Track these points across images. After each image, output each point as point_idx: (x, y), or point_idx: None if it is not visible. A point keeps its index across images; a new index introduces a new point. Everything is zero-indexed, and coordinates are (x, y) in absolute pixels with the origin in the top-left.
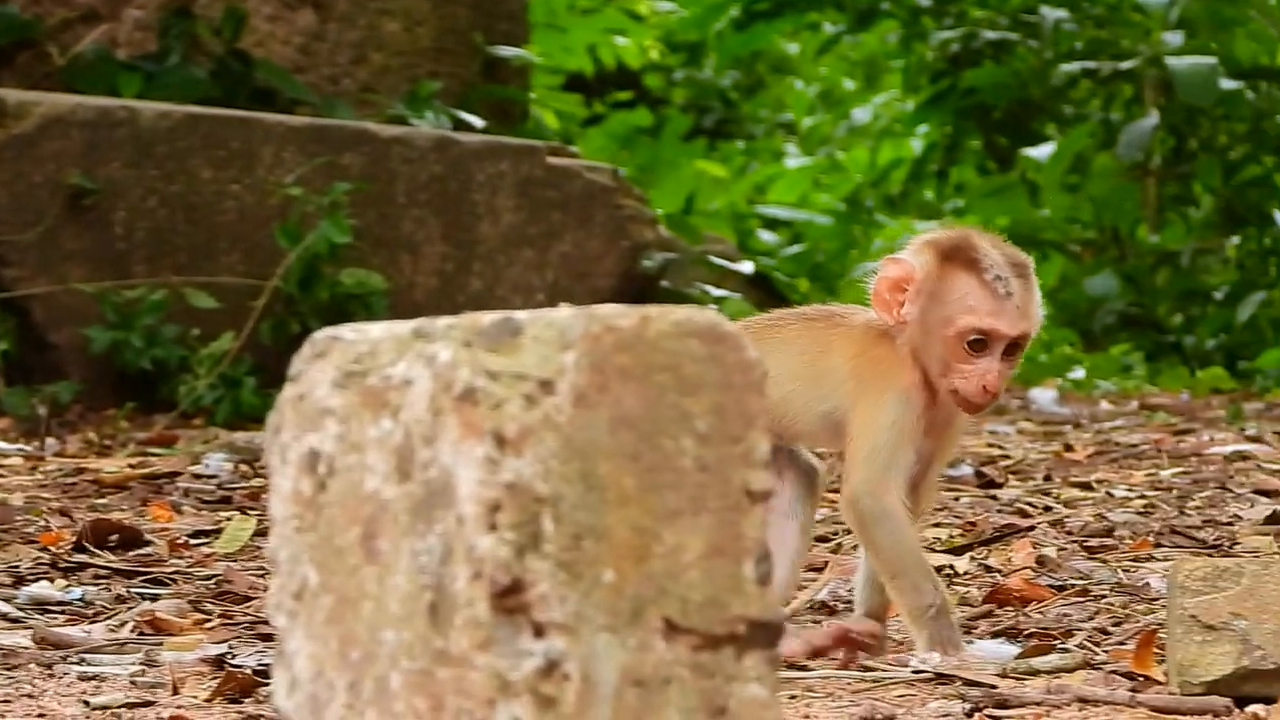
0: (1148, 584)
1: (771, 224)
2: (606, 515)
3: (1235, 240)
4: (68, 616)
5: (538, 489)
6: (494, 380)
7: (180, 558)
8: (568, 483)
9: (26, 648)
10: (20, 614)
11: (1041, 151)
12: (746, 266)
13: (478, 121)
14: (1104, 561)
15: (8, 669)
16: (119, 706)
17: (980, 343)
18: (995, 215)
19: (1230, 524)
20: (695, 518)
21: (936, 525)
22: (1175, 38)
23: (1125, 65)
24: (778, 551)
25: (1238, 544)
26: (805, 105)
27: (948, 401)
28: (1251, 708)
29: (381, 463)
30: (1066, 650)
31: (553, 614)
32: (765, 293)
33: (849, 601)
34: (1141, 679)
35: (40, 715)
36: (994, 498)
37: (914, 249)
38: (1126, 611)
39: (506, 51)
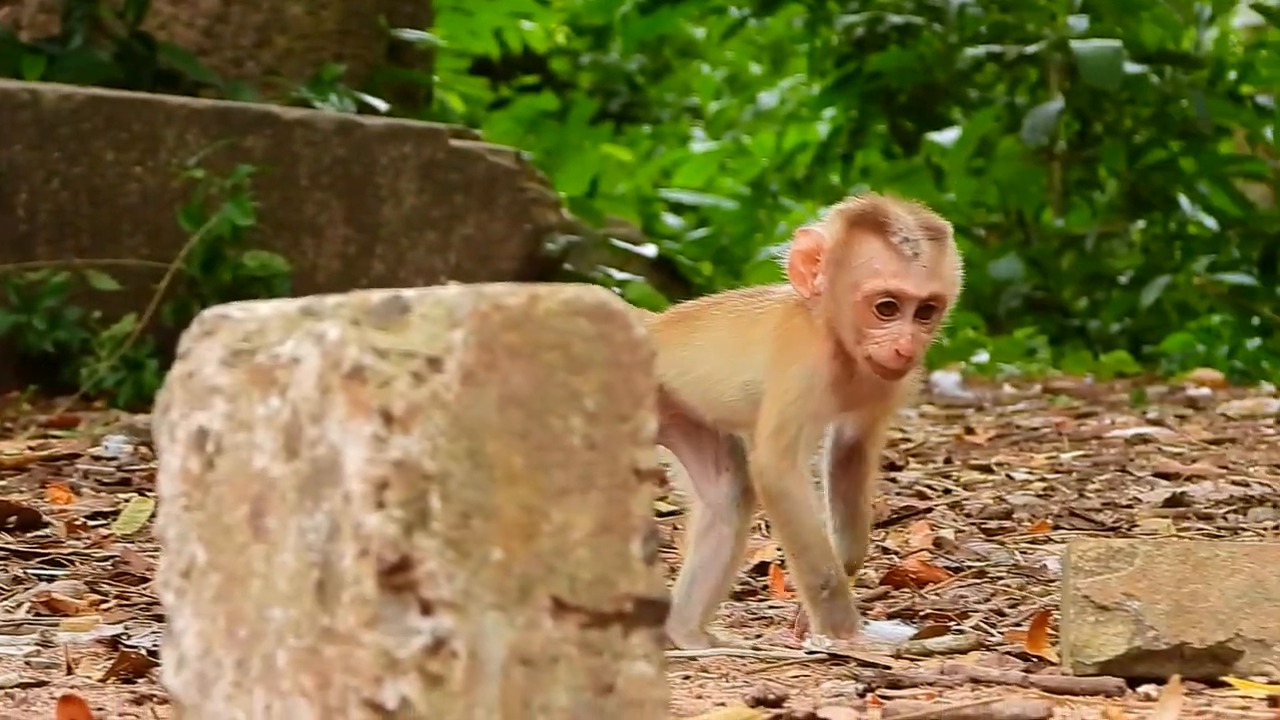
0: (1045, 566)
1: (677, 208)
2: (494, 493)
3: (1140, 224)
4: None
5: (425, 467)
6: (382, 358)
7: (78, 539)
8: (455, 461)
9: None
10: None
11: (946, 135)
12: (649, 250)
13: (381, 105)
14: (1002, 544)
15: None
16: (13, 686)
17: (890, 305)
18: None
19: (1130, 507)
20: (583, 496)
21: None
22: (1080, 22)
23: (1030, 49)
24: (710, 559)
25: (1136, 526)
26: (711, 89)
27: (868, 372)
28: (1144, 688)
29: (269, 441)
30: (961, 631)
31: (440, 592)
32: (669, 276)
33: (746, 583)
34: (1035, 660)
35: None
36: (893, 480)
37: (825, 219)
38: (1023, 593)
39: (411, 35)
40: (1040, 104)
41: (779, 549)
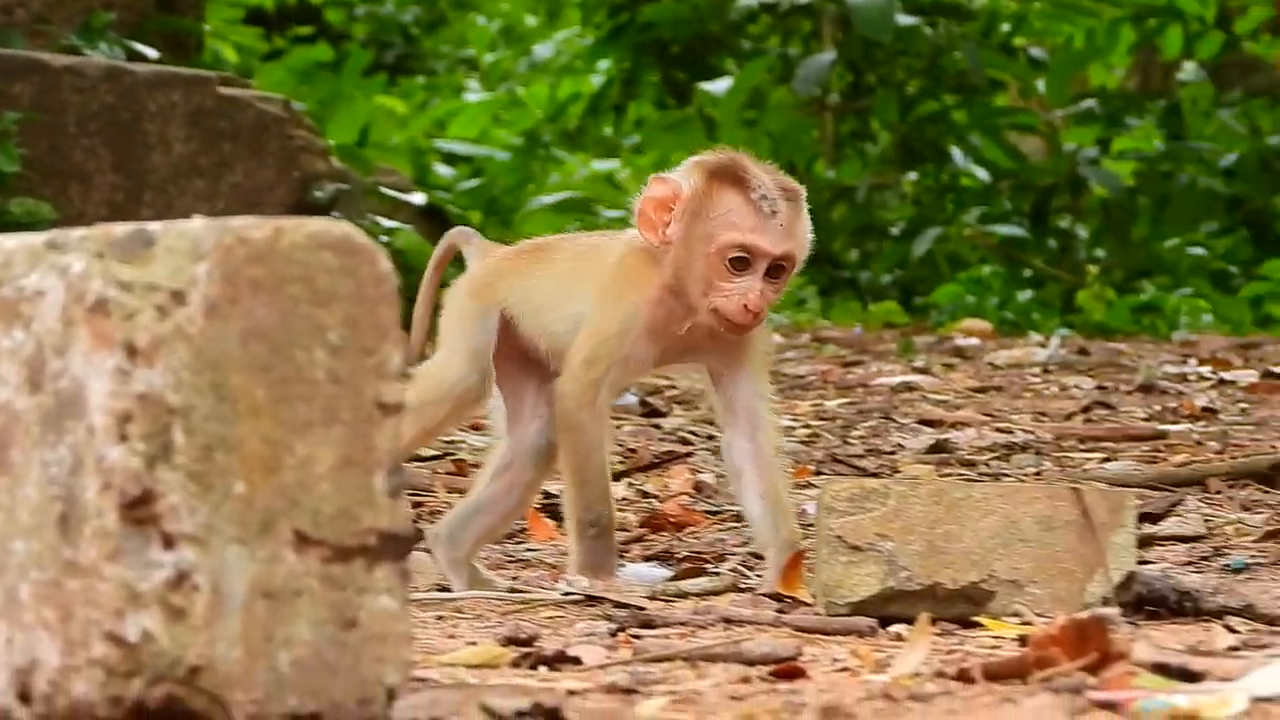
0: (805, 510)
1: (451, 159)
2: (238, 426)
3: (912, 176)
4: None
5: (169, 400)
6: (126, 291)
7: None
8: (199, 394)
9: None
10: None
11: (719, 86)
12: (418, 198)
13: (151, 52)
14: None
15: None
16: None
17: (743, 260)
18: (673, 150)
19: (892, 453)
20: (327, 429)
21: None
22: None
23: (803, 0)
24: (497, 498)
25: (898, 472)
26: (486, 41)
27: (710, 324)
28: (896, 628)
29: (13, 374)
30: (718, 574)
31: (183, 525)
32: (438, 224)
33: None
34: (789, 601)
35: None
36: (657, 426)
37: (682, 169)
38: None
39: None
40: (813, 55)
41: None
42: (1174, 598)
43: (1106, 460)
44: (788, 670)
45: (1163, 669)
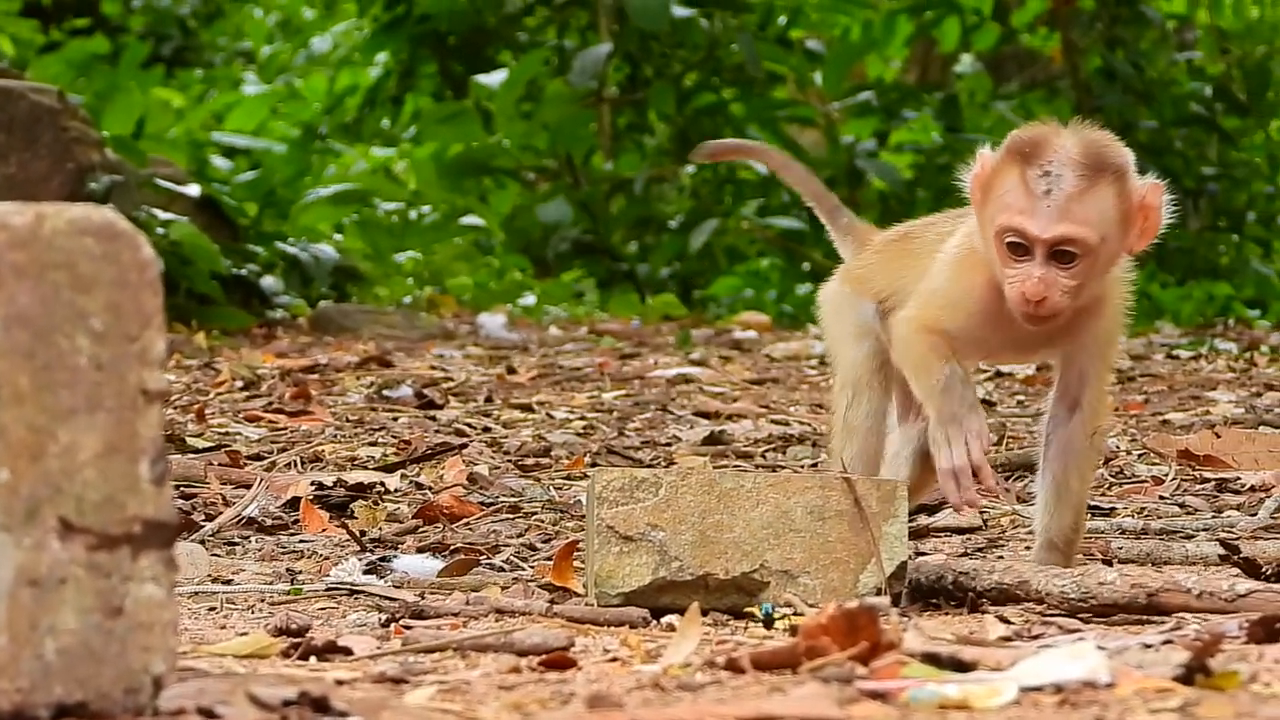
0: (579, 501)
1: (229, 152)
2: (1, 413)
3: (690, 169)
4: None
5: None
6: None
7: None
8: None
9: None
10: None
11: (495, 78)
12: (193, 190)
13: None
14: (537, 479)
15: None
16: None
17: (1020, 245)
18: (450, 141)
19: (669, 445)
20: (91, 416)
21: (372, 444)
22: None
23: None
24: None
25: (674, 464)
26: (264, 34)
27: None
28: (668, 619)
29: None
30: (492, 565)
31: None
32: (213, 216)
33: (278, 518)
34: (562, 591)
35: None
36: (433, 418)
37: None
38: (556, 528)
39: None
40: (589, 47)
41: (310, 483)
42: (950, 578)
43: None
44: (558, 660)
45: (933, 658)
